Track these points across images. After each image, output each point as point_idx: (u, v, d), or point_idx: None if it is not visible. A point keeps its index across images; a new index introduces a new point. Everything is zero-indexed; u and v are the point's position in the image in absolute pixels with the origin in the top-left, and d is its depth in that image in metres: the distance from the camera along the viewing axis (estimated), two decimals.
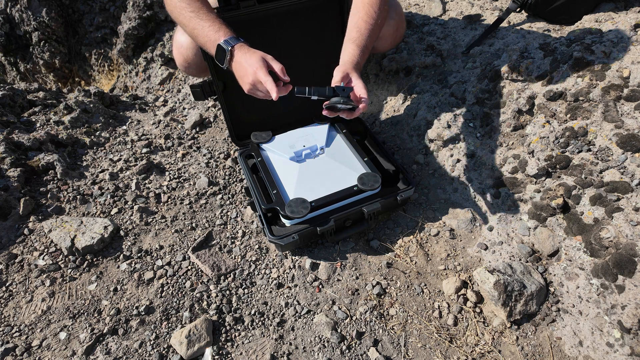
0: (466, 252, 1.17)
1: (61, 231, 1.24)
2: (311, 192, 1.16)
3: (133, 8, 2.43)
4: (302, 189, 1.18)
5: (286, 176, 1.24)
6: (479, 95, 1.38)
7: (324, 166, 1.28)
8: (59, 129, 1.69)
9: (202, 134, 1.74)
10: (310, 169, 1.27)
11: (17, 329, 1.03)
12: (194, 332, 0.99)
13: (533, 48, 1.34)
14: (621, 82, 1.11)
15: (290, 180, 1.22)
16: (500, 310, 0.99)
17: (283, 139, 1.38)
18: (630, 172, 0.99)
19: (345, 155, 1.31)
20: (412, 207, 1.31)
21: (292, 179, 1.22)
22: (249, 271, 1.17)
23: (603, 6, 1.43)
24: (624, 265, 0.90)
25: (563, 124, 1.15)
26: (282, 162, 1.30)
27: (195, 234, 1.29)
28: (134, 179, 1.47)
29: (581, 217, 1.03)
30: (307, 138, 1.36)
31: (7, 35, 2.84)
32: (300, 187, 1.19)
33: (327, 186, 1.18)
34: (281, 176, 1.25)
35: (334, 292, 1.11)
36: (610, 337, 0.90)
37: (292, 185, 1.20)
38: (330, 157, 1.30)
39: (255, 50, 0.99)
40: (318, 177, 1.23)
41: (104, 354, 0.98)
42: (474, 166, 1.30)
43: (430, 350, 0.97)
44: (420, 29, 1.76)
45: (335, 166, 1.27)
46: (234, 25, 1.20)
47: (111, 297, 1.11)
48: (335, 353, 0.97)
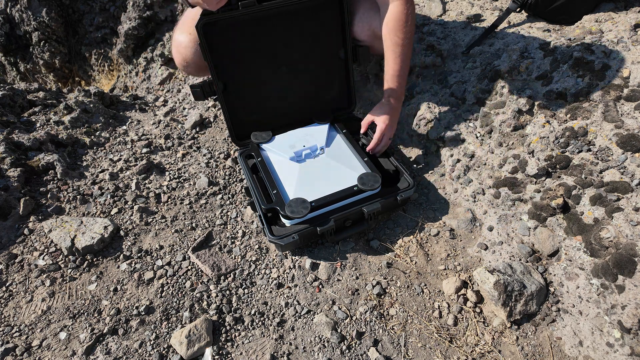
0: (466, 252, 1.17)
1: (61, 231, 1.24)
2: (311, 192, 1.16)
3: (133, 8, 2.43)
4: (302, 189, 1.19)
5: (286, 176, 1.25)
6: (479, 95, 1.38)
7: (324, 166, 1.28)
8: (59, 129, 1.69)
9: (202, 134, 1.74)
10: (310, 168, 1.27)
11: (17, 329, 1.03)
12: (194, 332, 0.99)
13: (533, 48, 1.34)
14: (621, 82, 1.11)
15: (291, 180, 1.22)
16: (500, 310, 0.99)
17: (283, 139, 1.38)
18: (630, 172, 0.99)
19: (345, 156, 1.31)
20: (412, 207, 1.31)
21: (292, 179, 1.22)
22: (249, 271, 1.17)
23: (603, 6, 1.43)
24: (624, 265, 0.90)
25: (563, 124, 1.15)
26: (282, 162, 1.30)
27: (195, 234, 1.29)
28: (134, 179, 1.47)
29: (581, 217, 1.03)
30: (307, 138, 1.36)
31: (7, 35, 2.84)
32: (300, 187, 1.19)
33: (327, 186, 1.18)
34: (281, 176, 1.25)
35: (334, 292, 1.11)
36: (610, 337, 0.90)
37: (292, 185, 1.20)
38: (331, 157, 1.30)
39: None
40: (318, 177, 1.23)
41: (104, 354, 0.98)
42: (474, 166, 1.30)
43: (430, 350, 0.97)
44: (420, 28, 1.76)
45: (335, 166, 1.27)
46: (234, 25, 1.20)
47: (111, 297, 1.11)
48: (335, 353, 0.97)
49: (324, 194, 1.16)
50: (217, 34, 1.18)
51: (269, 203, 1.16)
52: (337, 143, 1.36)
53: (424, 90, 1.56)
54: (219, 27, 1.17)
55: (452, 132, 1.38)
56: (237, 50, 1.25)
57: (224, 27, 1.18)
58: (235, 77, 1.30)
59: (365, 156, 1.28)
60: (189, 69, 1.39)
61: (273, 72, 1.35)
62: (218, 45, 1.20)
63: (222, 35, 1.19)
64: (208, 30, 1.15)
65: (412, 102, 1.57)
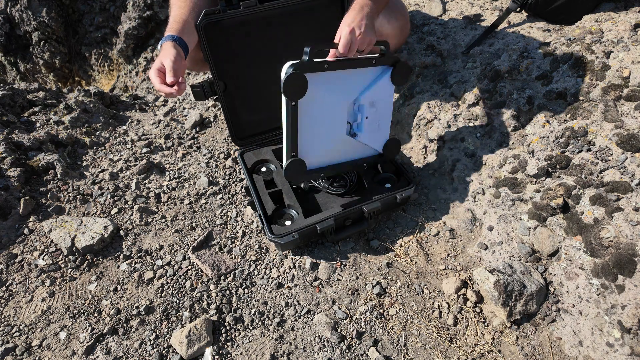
0: (466, 252, 1.17)
1: (61, 231, 1.24)
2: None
3: (133, 8, 2.43)
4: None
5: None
6: (479, 95, 1.38)
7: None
8: (59, 128, 1.69)
9: (202, 134, 1.74)
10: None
11: (17, 329, 1.03)
12: (194, 331, 0.99)
13: (533, 48, 1.34)
14: (621, 82, 1.11)
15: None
16: (500, 310, 0.99)
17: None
18: (630, 172, 0.99)
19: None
20: (412, 207, 1.31)
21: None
22: (249, 271, 1.17)
23: (603, 6, 1.43)
24: (624, 265, 0.90)
25: (563, 124, 1.15)
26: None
27: (195, 233, 1.29)
28: (134, 179, 1.47)
29: (581, 217, 1.03)
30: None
31: (7, 35, 2.84)
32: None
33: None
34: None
35: (334, 292, 1.11)
36: (610, 337, 0.90)
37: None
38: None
39: (169, 52, 1.02)
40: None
41: (104, 354, 0.98)
42: (474, 166, 1.30)
43: (430, 350, 0.97)
44: (420, 28, 1.76)
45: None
46: (235, 25, 1.20)
47: (111, 297, 1.11)
48: (335, 353, 0.97)
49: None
50: (218, 34, 1.18)
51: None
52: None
53: (424, 90, 1.56)
54: (220, 27, 1.17)
55: (452, 132, 1.39)
56: (238, 50, 1.25)
57: (225, 27, 1.18)
58: (236, 77, 1.30)
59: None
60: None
61: (274, 72, 1.35)
62: (219, 45, 1.20)
63: (223, 35, 1.19)
64: (209, 30, 1.15)
65: (412, 102, 1.57)
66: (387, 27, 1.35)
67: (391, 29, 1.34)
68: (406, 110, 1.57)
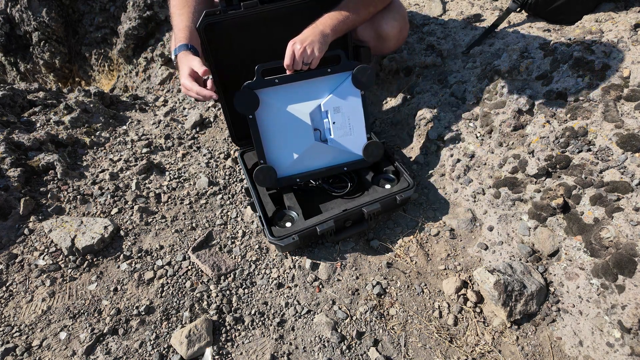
0: (466, 252, 1.17)
1: (61, 231, 1.24)
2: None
3: (133, 8, 2.43)
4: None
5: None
6: (479, 95, 1.38)
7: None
8: (59, 129, 1.69)
9: (202, 134, 1.74)
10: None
11: (17, 329, 1.03)
12: (194, 332, 0.99)
13: (533, 48, 1.34)
14: (621, 82, 1.11)
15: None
16: (501, 310, 0.99)
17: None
18: (630, 172, 0.99)
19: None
20: (412, 207, 1.31)
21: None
22: (249, 271, 1.17)
23: (603, 6, 1.43)
24: (624, 265, 0.90)
25: (563, 124, 1.15)
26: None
27: (196, 234, 1.29)
28: (134, 179, 1.47)
29: (581, 217, 1.03)
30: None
31: (7, 35, 2.84)
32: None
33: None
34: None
35: (334, 292, 1.11)
36: (610, 337, 0.90)
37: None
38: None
39: (190, 57, 1.06)
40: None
41: (104, 354, 0.98)
42: (474, 166, 1.30)
43: (430, 350, 0.97)
44: (420, 28, 1.76)
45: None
46: (235, 25, 1.20)
47: (111, 297, 1.11)
48: (336, 353, 0.97)
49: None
50: (219, 35, 1.18)
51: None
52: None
53: (424, 90, 1.56)
54: (220, 27, 1.17)
55: (452, 132, 1.38)
56: (238, 51, 1.25)
57: (225, 28, 1.18)
58: (237, 77, 1.30)
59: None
60: None
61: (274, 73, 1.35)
62: (219, 45, 1.20)
63: (223, 35, 1.19)
64: (210, 31, 1.15)
65: (412, 102, 1.57)
66: (385, 28, 1.35)
67: (390, 30, 1.35)
68: (406, 110, 1.57)
